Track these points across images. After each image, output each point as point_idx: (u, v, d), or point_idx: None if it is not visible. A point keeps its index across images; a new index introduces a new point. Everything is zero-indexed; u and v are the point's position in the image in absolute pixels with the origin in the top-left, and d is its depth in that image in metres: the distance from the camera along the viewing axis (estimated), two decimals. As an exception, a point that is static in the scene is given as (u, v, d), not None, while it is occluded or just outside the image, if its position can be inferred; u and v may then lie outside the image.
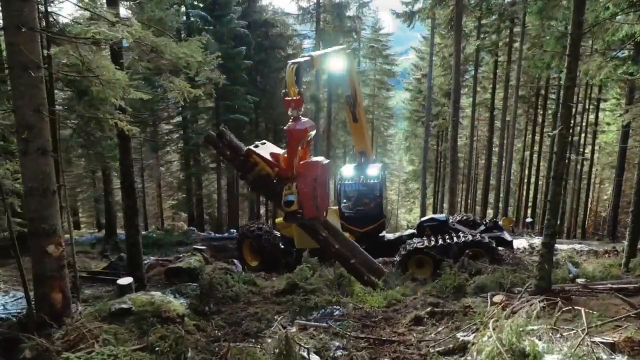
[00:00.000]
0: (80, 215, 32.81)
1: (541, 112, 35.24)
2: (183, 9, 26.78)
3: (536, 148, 36.86)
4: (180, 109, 27.14)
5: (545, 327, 4.66)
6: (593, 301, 8.52)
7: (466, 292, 10.09)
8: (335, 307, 8.77)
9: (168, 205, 32.98)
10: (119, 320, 7.73)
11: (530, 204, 36.75)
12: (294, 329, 7.14)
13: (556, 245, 16.29)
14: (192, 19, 24.54)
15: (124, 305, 7.98)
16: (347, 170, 16.92)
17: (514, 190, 38.58)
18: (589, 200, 39.49)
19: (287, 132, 10.77)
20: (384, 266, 16.32)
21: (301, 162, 11.24)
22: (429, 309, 8.57)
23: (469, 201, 42.52)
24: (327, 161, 11.75)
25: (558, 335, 4.73)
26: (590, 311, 6.64)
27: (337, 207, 17.20)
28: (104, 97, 6.89)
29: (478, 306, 8.98)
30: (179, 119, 27.92)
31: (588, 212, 39.57)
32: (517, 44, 29.13)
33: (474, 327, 6.92)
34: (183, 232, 23.42)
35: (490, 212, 33.83)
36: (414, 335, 7.20)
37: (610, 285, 9.41)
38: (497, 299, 9.25)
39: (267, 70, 29.75)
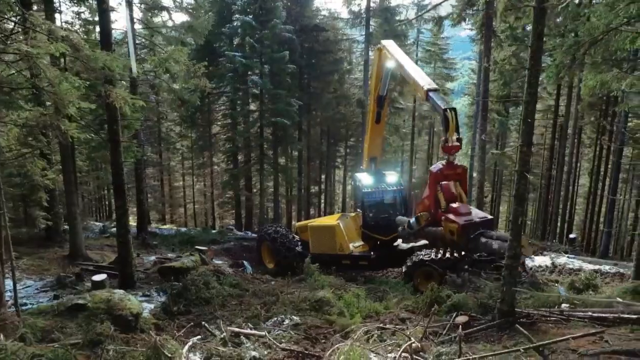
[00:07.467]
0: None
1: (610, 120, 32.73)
2: (237, 15, 27.63)
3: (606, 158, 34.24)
4: (230, 111, 28.03)
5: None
6: (554, 330, 8.02)
7: (439, 310, 9.78)
8: (288, 316, 8.75)
9: (217, 203, 34.07)
10: (73, 315, 8.19)
11: (595, 218, 34.28)
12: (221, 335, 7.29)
13: (582, 265, 15.32)
14: (237, 24, 25.25)
15: (80, 301, 8.45)
16: (366, 178, 16.65)
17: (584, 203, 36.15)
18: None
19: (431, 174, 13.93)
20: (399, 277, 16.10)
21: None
22: (378, 324, 8.43)
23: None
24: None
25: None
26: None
27: (359, 214, 16.96)
28: (60, 106, 7.36)
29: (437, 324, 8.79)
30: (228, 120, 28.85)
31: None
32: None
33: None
34: (219, 231, 24.08)
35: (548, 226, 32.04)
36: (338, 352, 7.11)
37: (590, 314, 8.79)
38: (460, 319, 8.96)
39: (317, 74, 30.01)
